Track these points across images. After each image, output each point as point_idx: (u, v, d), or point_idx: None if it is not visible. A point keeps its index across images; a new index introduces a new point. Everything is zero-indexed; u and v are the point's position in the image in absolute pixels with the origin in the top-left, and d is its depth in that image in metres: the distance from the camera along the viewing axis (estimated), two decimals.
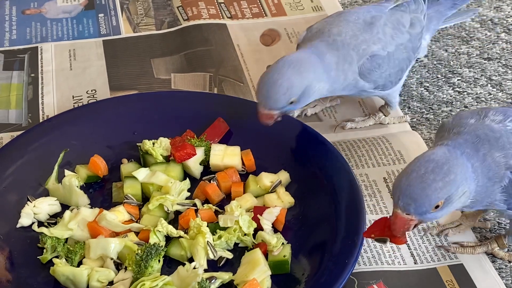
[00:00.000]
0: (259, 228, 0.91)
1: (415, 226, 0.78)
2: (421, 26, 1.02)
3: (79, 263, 0.88)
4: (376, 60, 0.97)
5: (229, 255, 0.89)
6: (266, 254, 0.88)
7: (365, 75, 0.97)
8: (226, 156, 0.99)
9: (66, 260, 0.88)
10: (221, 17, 1.33)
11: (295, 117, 1.08)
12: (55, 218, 0.93)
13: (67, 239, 0.90)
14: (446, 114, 1.12)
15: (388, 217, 0.80)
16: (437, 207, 0.75)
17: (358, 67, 0.96)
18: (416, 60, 1.23)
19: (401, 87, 1.06)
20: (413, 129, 1.10)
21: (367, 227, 0.87)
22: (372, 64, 0.97)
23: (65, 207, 0.95)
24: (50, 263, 0.88)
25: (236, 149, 1.00)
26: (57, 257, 0.88)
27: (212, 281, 0.84)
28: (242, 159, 1.00)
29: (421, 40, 1.04)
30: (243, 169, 1.00)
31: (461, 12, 1.15)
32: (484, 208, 0.83)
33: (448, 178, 0.75)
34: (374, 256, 0.91)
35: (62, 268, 0.85)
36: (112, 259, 0.87)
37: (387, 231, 0.80)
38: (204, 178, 0.99)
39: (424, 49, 1.08)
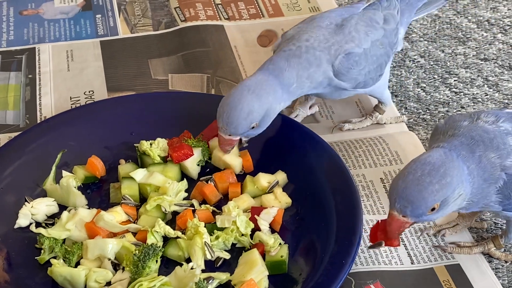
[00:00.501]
0: (256, 228, 0.91)
1: (409, 226, 0.78)
2: (395, 22, 1.03)
3: (77, 264, 0.88)
4: (353, 58, 0.97)
5: (227, 256, 0.89)
6: (263, 255, 0.88)
7: (343, 73, 0.97)
8: (229, 154, 1.00)
9: (64, 260, 0.88)
10: (219, 18, 1.33)
11: (293, 118, 1.08)
12: (52, 219, 0.94)
13: (64, 239, 0.90)
14: (443, 114, 1.13)
15: (380, 221, 0.80)
16: (433, 209, 0.76)
17: (332, 67, 0.96)
18: (413, 60, 1.23)
19: (387, 82, 1.06)
20: (410, 130, 1.10)
21: (364, 227, 0.87)
22: (349, 62, 0.97)
23: (62, 207, 0.95)
24: (48, 263, 0.88)
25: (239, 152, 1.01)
26: (54, 257, 0.88)
27: (210, 282, 0.85)
28: None
29: (397, 35, 1.05)
30: (241, 171, 1.00)
31: (431, 2, 1.15)
32: (480, 209, 0.83)
33: (445, 181, 0.75)
34: (371, 256, 0.91)
35: (59, 269, 0.85)
36: (109, 259, 0.87)
37: (380, 234, 0.80)
38: (201, 178, 0.99)
39: (401, 43, 1.08)
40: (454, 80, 1.19)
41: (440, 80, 1.20)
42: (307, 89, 0.97)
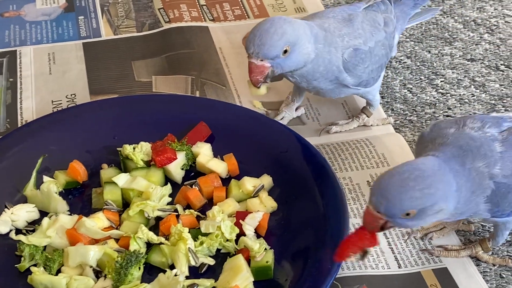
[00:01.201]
0: (241, 233, 0.90)
1: (384, 228, 0.76)
2: (393, 25, 1.04)
3: (58, 271, 0.86)
4: (360, 55, 0.97)
5: (211, 262, 0.88)
6: (248, 260, 0.87)
7: (349, 69, 0.97)
8: (213, 160, 0.98)
9: (45, 268, 0.86)
10: (203, 19, 1.32)
11: (279, 120, 1.07)
12: (33, 225, 0.92)
13: (45, 246, 0.89)
14: (430, 116, 1.12)
15: (351, 233, 0.81)
16: (408, 214, 0.74)
17: (342, 58, 0.96)
18: (399, 61, 1.22)
19: (380, 86, 1.06)
20: (396, 131, 1.09)
21: (350, 231, 0.86)
22: (356, 58, 0.97)
23: (43, 214, 0.93)
24: (28, 271, 0.86)
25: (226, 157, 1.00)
26: (35, 265, 0.87)
27: None
28: None
29: (394, 39, 1.05)
30: (227, 175, 0.99)
31: (424, 12, 1.15)
32: (468, 217, 0.82)
33: (427, 191, 0.73)
34: (358, 260, 0.90)
35: (40, 277, 0.84)
36: (91, 267, 0.86)
37: (359, 242, 0.79)
38: (185, 183, 0.97)
39: (395, 49, 1.08)
40: (441, 81, 1.19)
41: (426, 81, 1.19)
42: (325, 60, 0.95)
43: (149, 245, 0.89)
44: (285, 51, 0.91)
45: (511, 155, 0.79)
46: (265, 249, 0.88)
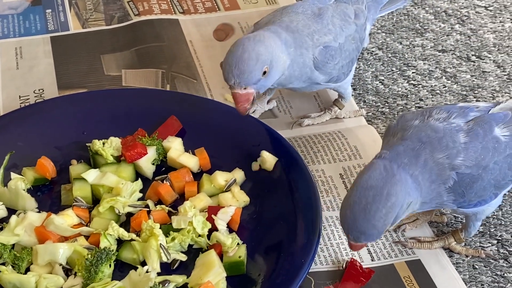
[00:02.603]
0: (213, 228, 0.89)
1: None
2: (364, 17, 1.03)
3: (27, 270, 0.85)
4: (330, 52, 0.96)
5: (183, 258, 0.87)
6: (221, 256, 0.86)
7: (319, 67, 0.96)
8: (184, 155, 0.97)
9: (13, 267, 0.84)
10: (173, 12, 1.30)
11: (250, 114, 1.06)
12: (1, 223, 0.90)
13: (13, 245, 0.87)
14: (402, 107, 1.12)
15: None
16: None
17: (313, 57, 0.95)
18: (371, 53, 1.22)
19: (352, 78, 1.05)
20: (368, 123, 1.09)
21: (323, 225, 0.86)
22: (326, 56, 0.95)
23: (11, 211, 0.92)
24: None
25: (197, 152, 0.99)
26: (3, 264, 0.85)
27: (166, 285, 0.82)
28: None
29: (365, 30, 1.04)
30: (198, 169, 0.98)
31: (395, 0, 1.14)
32: (435, 207, 0.82)
33: (390, 203, 0.74)
34: (331, 255, 0.89)
35: (8, 276, 0.82)
36: (61, 265, 0.84)
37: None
38: (156, 178, 0.96)
39: (367, 39, 1.07)
40: (412, 72, 1.18)
41: (398, 72, 1.18)
42: (298, 66, 0.94)
43: (120, 242, 0.88)
44: (264, 72, 0.90)
45: (475, 146, 0.79)
46: (238, 244, 0.87)
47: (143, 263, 0.86)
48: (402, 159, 0.77)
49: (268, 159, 0.96)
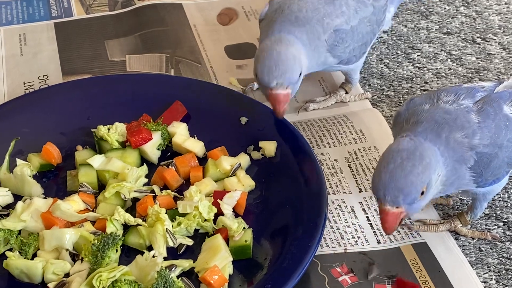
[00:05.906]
0: (219, 213, 0.89)
1: (402, 220, 0.76)
2: None
3: (34, 256, 0.85)
4: (340, 35, 0.95)
5: (189, 242, 0.87)
6: (227, 240, 0.86)
7: (329, 49, 0.96)
8: (189, 140, 0.97)
9: (20, 253, 0.85)
10: None
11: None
12: (7, 210, 0.90)
13: (20, 231, 0.87)
14: (407, 90, 1.11)
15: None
16: (422, 193, 0.74)
17: (325, 42, 0.94)
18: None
19: (362, 63, 1.05)
20: (373, 107, 1.08)
21: (329, 208, 0.85)
22: (336, 39, 0.95)
23: (17, 197, 0.92)
24: (3, 256, 0.85)
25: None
26: (10, 250, 0.85)
27: (172, 269, 0.82)
28: None
29: (385, 12, 1.03)
30: (204, 154, 0.98)
31: None
32: (455, 190, 0.82)
33: (425, 162, 0.73)
34: (337, 238, 0.89)
35: (15, 262, 0.83)
36: (67, 250, 0.84)
37: None
38: (162, 163, 0.96)
39: (389, 22, 1.06)
40: (417, 55, 1.18)
41: (403, 55, 1.18)
42: (315, 60, 0.95)
43: (126, 227, 0.88)
44: (300, 73, 0.92)
45: (489, 125, 0.79)
46: (244, 228, 0.87)
47: (150, 248, 0.86)
48: (426, 134, 0.77)
49: (267, 146, 0.96)
